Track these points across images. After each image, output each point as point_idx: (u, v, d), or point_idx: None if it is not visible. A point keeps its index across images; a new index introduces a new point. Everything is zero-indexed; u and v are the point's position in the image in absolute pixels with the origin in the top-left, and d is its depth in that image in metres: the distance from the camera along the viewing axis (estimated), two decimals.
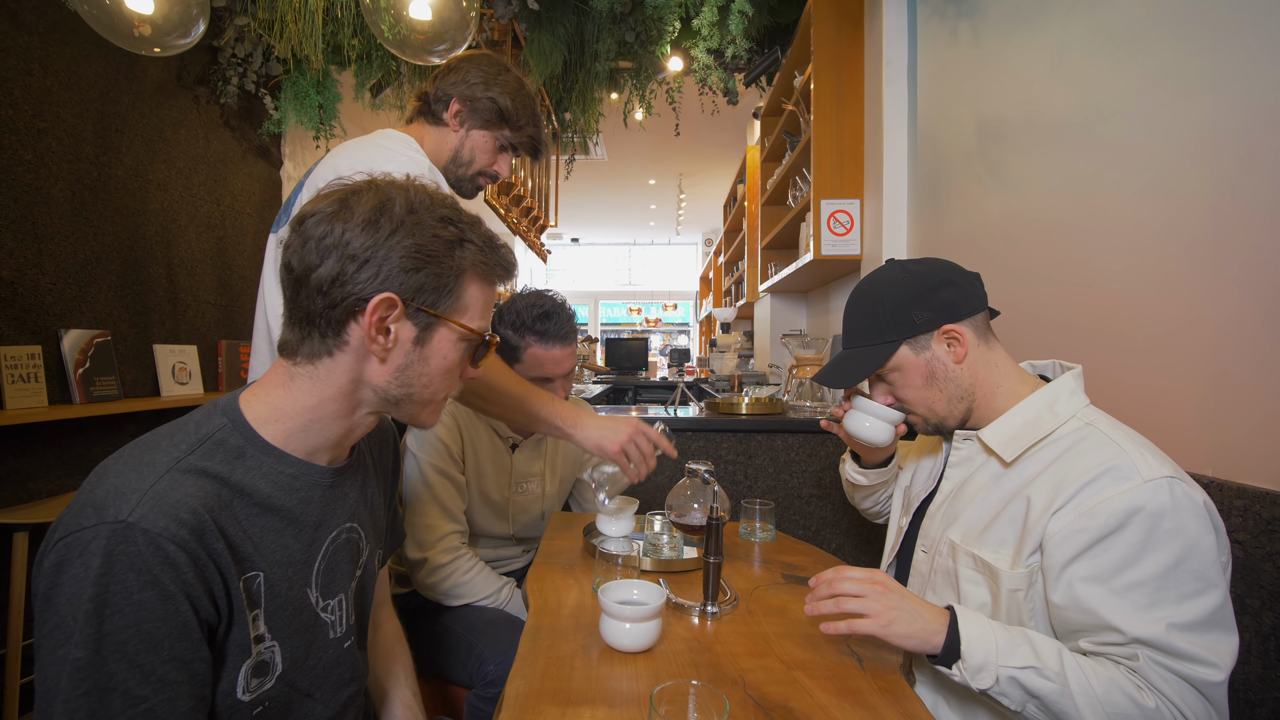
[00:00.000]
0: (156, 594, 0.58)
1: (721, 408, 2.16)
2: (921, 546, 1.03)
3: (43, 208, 2.25)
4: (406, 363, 0.72)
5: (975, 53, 1.80)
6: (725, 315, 5.92)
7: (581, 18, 2.77)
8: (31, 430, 2.19)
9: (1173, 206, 1.10)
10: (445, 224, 0.70)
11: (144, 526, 0.58)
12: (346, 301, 0.67)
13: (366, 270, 0.66)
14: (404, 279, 0.68)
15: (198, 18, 1.90)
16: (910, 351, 0.97)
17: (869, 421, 1.07)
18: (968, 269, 1.00)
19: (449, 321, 0.72)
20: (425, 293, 0.69)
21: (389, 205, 0.68)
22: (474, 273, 0.73)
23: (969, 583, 0.90)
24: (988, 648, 0.77)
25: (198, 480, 0.63)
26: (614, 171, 6.94)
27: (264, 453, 0.69)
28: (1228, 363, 1.00)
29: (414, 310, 0.70)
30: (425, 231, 0.69)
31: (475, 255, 0.72)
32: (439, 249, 0.69)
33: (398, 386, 0.72)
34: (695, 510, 1.19)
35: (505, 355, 1.37)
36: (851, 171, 2.48)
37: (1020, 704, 0.77)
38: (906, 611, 0.80)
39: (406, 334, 0.70)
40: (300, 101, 3.22)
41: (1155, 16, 1.15)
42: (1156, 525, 0.75)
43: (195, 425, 0.68)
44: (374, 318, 0.67)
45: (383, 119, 3.51)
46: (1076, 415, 0.88)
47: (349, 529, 0.80)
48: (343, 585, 0.79)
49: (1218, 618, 0.73)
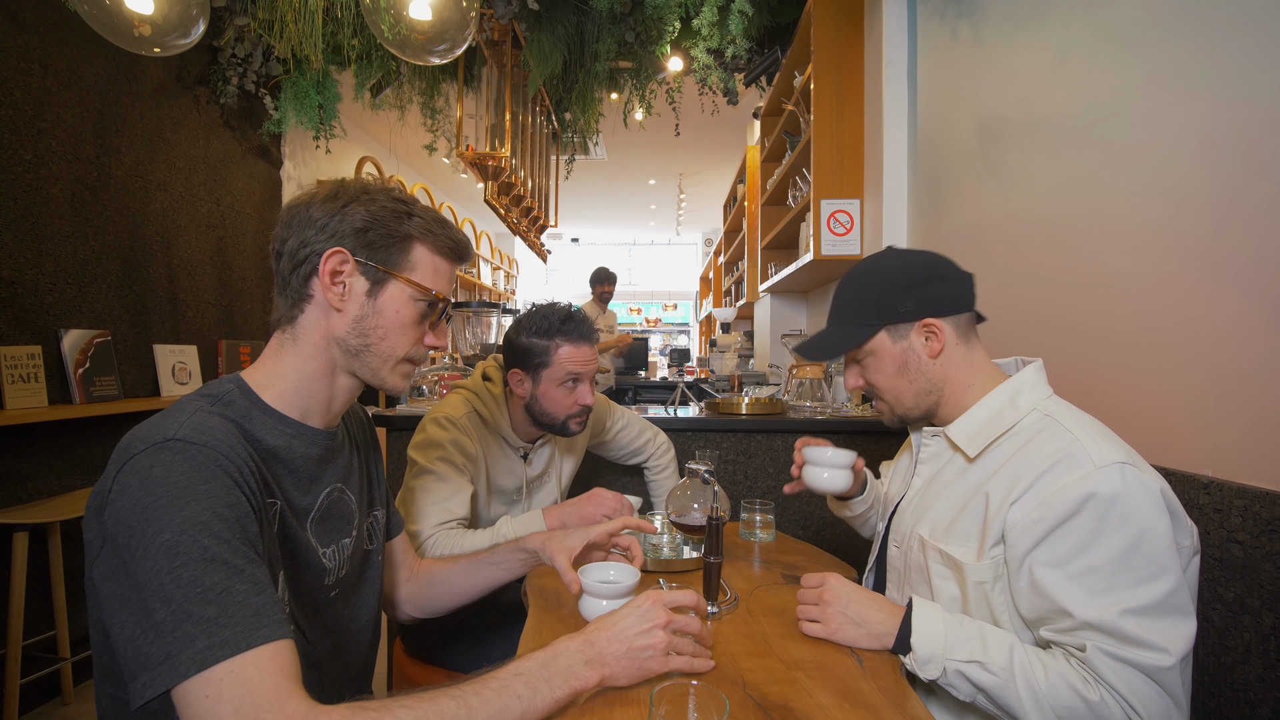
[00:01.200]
0: (220, 485, 0.65)
1: (721, 408, 2.16)
2: (894, 543, 1.04)
3: (43, 208, 2.25)
4: (362, 314, 0.81)
5: (975, 52, 1.80)
6: (725, 315, 5.92)
7: (581, 18, 2.77)
8: (31, 430, 2.19)
9: (1173, 205, 1.10)
10: (396, 201, 0.82)
11: (191, 439, 0.66)
12: (309, 260, 0.78)
13: (324, 234, 0.78)
14: (354, 238, 0.79)
15: (198, 18, 1.89)
16: (888, 338, 0.98)
17: (826, 473, 1.11)
18: (966, 269, 1.00)
19: (396, 276, 0.81)
20: (374, 249, 0.80)
21: (345, 187, 0.81)
22: (421, 239, 0.83)
23: (939, 577, 0.92)
24: (936, 641, 0.82)
25: (220, 420, 0.71)
26: (614, 171, 6.94)
27: (266, 414, 0.78)
28: (1228, 362, 1.00)
29: (364, 264, 0.80)
30: (376, 203, 0.80)
31: (422, 225, 0.83)
32: (387, 216, 0.80)
33: (356, 336, 0.81)
34: (695, 510, 1.20)
35: (534, 363, 1.36)
36: (851, 171, 2.48)
37: (970, 695, 0.81)
38: (852, 616, 0.89)
39: (360, 286, 0.80)
40: (300, 101, 3.22)
41: (1156, 16, 1.15)
42: (1109, 510, 0.76)
43: (207, 389, 0.77)
44: (326, 267, 0.78)
45: (382, 119, 3.51)
46: (1037, 407, 0.90)
47: (339, 489, 0.88)
48: (336, 538, 0.87)
49: (1172, 602, 0.74)
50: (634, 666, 0.74)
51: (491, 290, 7.94)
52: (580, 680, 0.70)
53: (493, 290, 8.01)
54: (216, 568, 0.60)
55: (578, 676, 0.70)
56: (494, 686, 0.66)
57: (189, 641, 0.57)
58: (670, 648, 0.76)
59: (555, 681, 0.69)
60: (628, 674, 0.74)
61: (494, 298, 7.98)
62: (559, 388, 1.36)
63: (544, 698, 0.67)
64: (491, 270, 8.22)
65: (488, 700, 0.64)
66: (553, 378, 1.36)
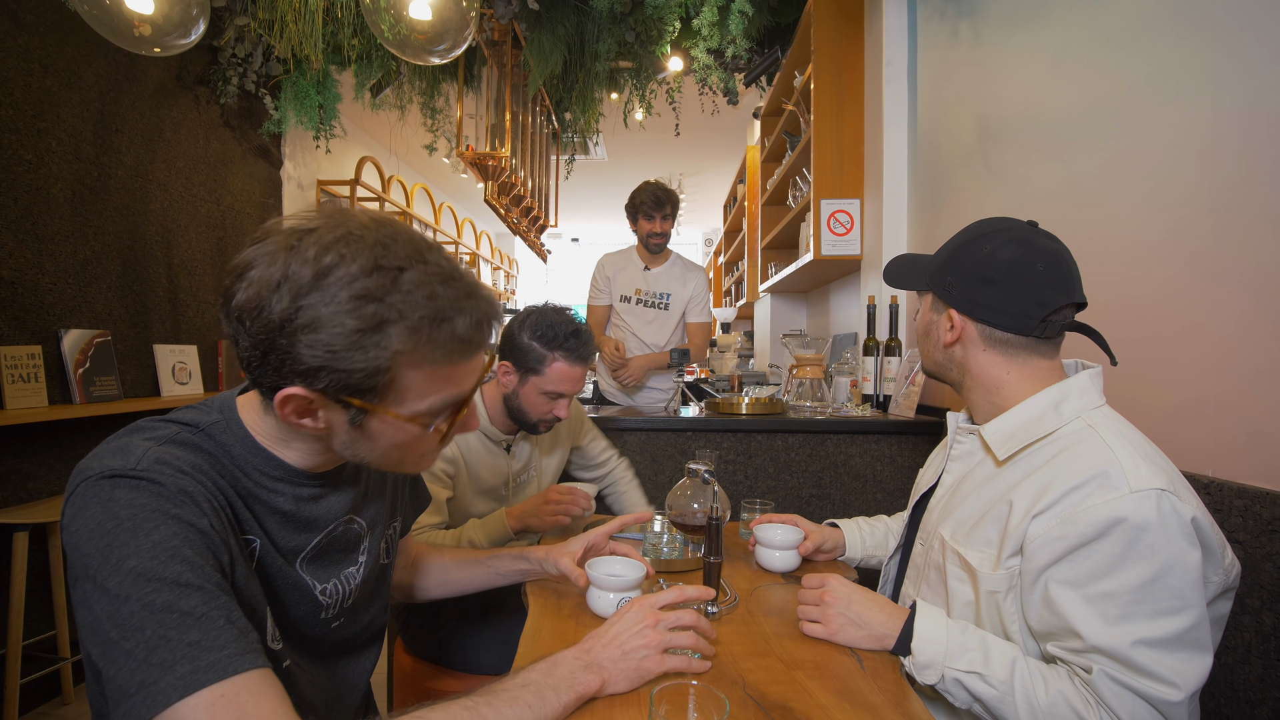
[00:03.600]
0: (190, 511, 0.59)
1: (721, 408, 2.16)
2: (920, 539, 1.03)
3: (43, 208, 2.25)
4: (349, 440, 0.67)
5: (975, 53, 1.80)
6: (725, 315, 5.92)
7: (581, 17, 2.77)
8: (31, 430, 2.19)
9: (1173, 205, 1.10)
10: (359, 303, 0.58)
11: (150, 475, 0.59)
12: (263, 383, 0.62)
13: (271, 358, 0.60)
14: (311, 376, 0.59)
15: (198, 18, 1.89)
16: (934, 300, 0.98)
17: (778, 554, 1.17)
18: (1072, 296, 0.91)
19: (381, 413, 0.64)
20: (341, 388, 0.60)
21: (290, 279, 0.58)
22: (407, 360, 0.61)
23: (955, 580, 0.91)
24: (937, 647, 0.81)
25: (186, 450, 0.64)
26: (614, 171, 6.94)
27: (252, 453, 0.69)
28: (1228, 362, 1.00)
29: (333, 400, 0.62)
30: (330, 323, 0.58)
31: (404, 340, 0.60)
32: (346, 344, 0.58)
33: (351, 454, 0.69)
34: (695, 510, 1.19)
35: (527, 366, 1.37)
36: (851, 171, 2.48)
37: (966, 704, 0.80)
38: (853, 617, 0.89)
39: (338, 418, 0.64)
40: (300, 101, 3.22)
41: (1156, 16, 1.15)
42: (1138, 539, 0.72)
43: (192, 414, 0.69)
44: (287, 409, 0.62)
45: (382, 119, 3.50)
46: (1081, 416, 0.85)
47: (345, 521, 0.80)
48: (338, 571, 0.80)
49: (1190, 638, 0.71)
50: (630, 668, 0.75)
51: (491, 290, 7.92)
52: (583, 685, 0.71)
53: (493, 290, 7.99)
54: (192, 593, 0.55)
55: (580, 682, 0.71)
56: (504, 698, 0.66)
57: (168, 668, 0.52)
58: (665, 645, 0.77)
59: (560, 688, 0.70)
60: (626, 676, 0.74)
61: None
62: (540, 395, 1.38)
63: (552, 704, 0.68)
64: (491, 270, 8.22)
65: (500, 711, 0.64)
66: (539, 386, 1.37)
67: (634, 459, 2.02)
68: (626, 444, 2.03)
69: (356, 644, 0.87)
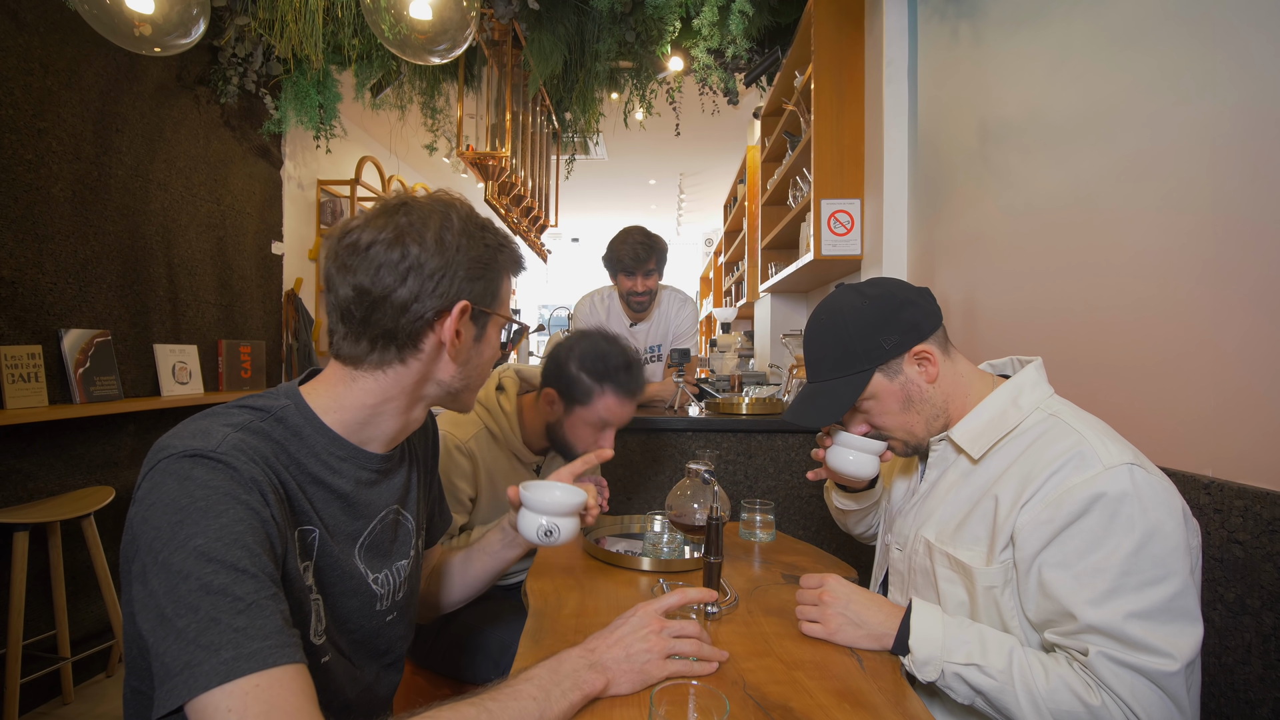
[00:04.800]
0: (257, 500, 0.64)
1: (721, 408, 2.16)
2: (895, 545, 1.04)
3: (43, 207, 2.25)
4: (469, 357, 0.81)
5: (976, 53, 1.80)
6: (725, 315, 5.91)
7: (582, 17, 2.77)
8: (31, 430, 2.19)
9: (1173, 206, 1.10)
10: (485, 232, 0.80)
11: (227, 459, 0.64)
12: (426, 315, 0.74)
13: (443, 285, 0.75)
14: (470, 287, 0.77)
15: (198, 18, 1.90)
16: (884, 378, 0.95)
17: (853, 455, 1.04)
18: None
19: (496, 315, 0.82)
20: (485, 296, 0.79)
21: (448, 226, 0.76)
22: (508, 271, 0.84)
23: (946, 581, 0.92)
24: (934, 643, 0.82)
25: (259, 439, 0.70)
26: (614, 171, 6.94)
27: (320, 434, 0.76)
28: (1228, 362, 1.00)
29: (477, 311, 0.79)
30: (478, 244, 0.78)
31: (508, 256, 0.83)
32: (489, 257, 0.79)
33: (461, 379, 0.81)
34: (695, 510, 1.20)
35: (574, 397, 1.31)
36: (852, 172, 2.48)
37: (968, 698, 0.81)
38: (851, 617, 0.89)
39: (470, 333, 0.80)
40: (300, 101, 3.22)
41: (1158, 16, 1.15)
42: (1118, 510, 0.76)
43: (261, 400, 0.75)
44: (453, 324, 0.76)
45: (383, 118, 3.50)
46: (1040, 406, 0.90)
47: (395, 510, 0.86)
48: (389, 562, 0.85)
49: (1178, 606, 0.73)
50: (633, 670, 0.76)
51: None
52: (588, 684, 0.72)
53: None
54: (247, 580, 0.59)
55: (585, 680, 0.72)
56: (508, 693, 0.68)
57: (213, 651, 0.55)
58: (668, 651, 0.78)
59: (565, 685, 0.71)
60: (629, 679, 0.75)
61: None
62: (587, 427, 1.32)
63: (557, 701, 0.69)
64: None
65: (505, 705, 0.66)
66: (585, 419, 1.32)
67: (634, 459, 2.02)
68: (627, 444, 2.03)
69: (400, 649, 0.90)
